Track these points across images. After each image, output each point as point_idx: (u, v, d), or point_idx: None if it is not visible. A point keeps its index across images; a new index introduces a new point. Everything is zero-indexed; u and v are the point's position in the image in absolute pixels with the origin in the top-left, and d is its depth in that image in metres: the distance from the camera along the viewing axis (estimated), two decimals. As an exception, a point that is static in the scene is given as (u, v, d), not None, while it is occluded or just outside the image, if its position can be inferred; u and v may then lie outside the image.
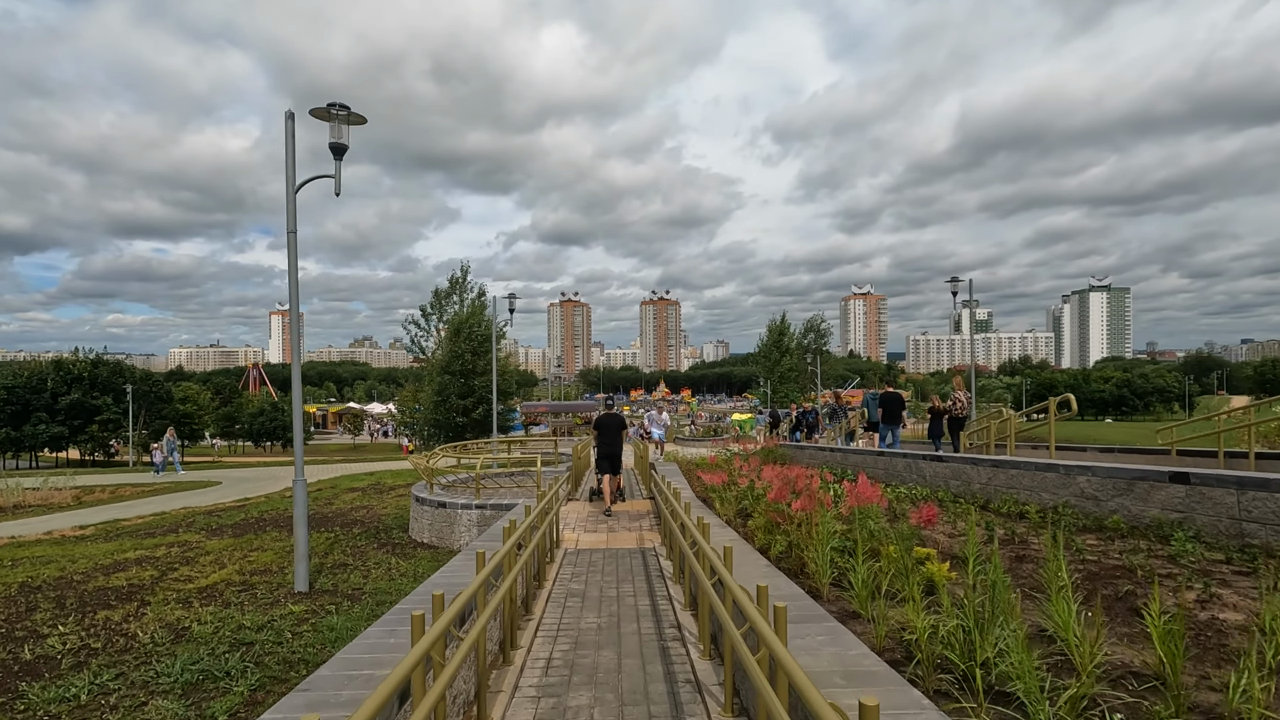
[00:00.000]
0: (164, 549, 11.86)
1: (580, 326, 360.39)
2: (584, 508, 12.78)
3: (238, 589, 9.08)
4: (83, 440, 50.81)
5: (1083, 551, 6.02)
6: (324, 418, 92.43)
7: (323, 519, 14.72)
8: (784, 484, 8.41)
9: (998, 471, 9.36)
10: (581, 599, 7.13)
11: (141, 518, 16.37)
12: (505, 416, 43.36)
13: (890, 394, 17.70)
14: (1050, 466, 8.21)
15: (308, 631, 7.18)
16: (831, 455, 16.33)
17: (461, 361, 37.67)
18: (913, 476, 11.78)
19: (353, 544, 12.01)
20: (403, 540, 12.17)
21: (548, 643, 5.68)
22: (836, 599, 5.24)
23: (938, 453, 12.89)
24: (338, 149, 8.74)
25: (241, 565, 10.47)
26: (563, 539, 10.28)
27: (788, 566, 5.99)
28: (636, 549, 9.64)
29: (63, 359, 54.34)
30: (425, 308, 44.77)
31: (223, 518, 15.47)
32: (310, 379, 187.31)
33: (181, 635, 7.16)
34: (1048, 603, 3.97)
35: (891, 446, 17.45)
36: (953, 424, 15.67)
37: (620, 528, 11.27)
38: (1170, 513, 6.45)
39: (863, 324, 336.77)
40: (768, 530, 6.82)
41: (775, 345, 57.85)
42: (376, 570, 10.06)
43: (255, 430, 63.58)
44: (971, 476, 10.00)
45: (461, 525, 11.27)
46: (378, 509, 15.87)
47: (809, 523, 6.05)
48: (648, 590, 7.38)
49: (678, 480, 12.73)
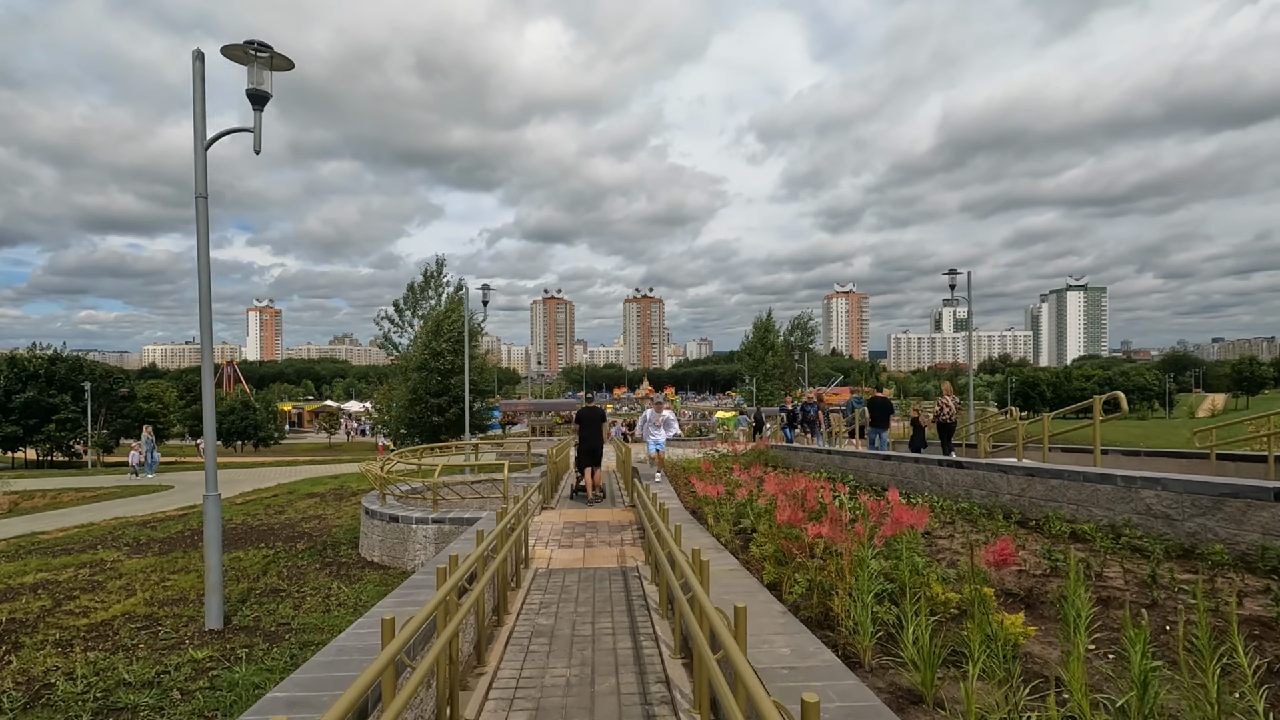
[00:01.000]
0: (71, 571, 10.28)
1: (563, 324, 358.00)
2: (559, 518, 11.41)
3: (138, 625, 7.57)
4: (39, 440, 48.36)
5: (1177, 589, 4.75)
6: (299, 416, 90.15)
7: (266, 531, 13.16)
8: (792, 499, 7.07)
9: (1033, 481, 8.10)
10: (549, 640, 5.78)
11: (64, 530, 14.68)
12: (483, 415, 41.78)
13: (879, 399, 17.27)
14: (1105, 477, 6.94)
15: (203, 690, 5.71)
16: (829, 458, 15.05)
17: (441, 359, 36.13)
18: (926, 484, 10.52)
19: (293, 563, 10.51)
20: (351, 559, 10.68)
21: (501, 710, 4.32)
22: (881, 667, 3.91)
23: (953, 456, 11.64)
24: (257, 97, 7.25)
25: (154, 592, 8.95)
26: (533, 556, 8.94)
27: (809, 615, 4.64)
28: (617, 568, 8.35)
29: (16, 355, 51.65)
30: (399, 302, 43.05)
31: (156, 530, 13.85)
32: (288, 377, 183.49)
33: (40, 697, 5.67)
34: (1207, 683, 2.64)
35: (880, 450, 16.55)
36: (942, 430, 14.99)
37: (599, 541, 9.94)
38: (1276, 538, 5.22)
39: (845, 322, 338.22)
40: (778, 561, 5.48)
41: (760, 343, 56.77)
42: (313, 598, 8.59)
43: (225, 430, 61.26)
44: (1000, 486, 8.74)
45: (416, 542, 9.82)
46: (331, 519, 14.33)
47: (834, 557, 4.72)
48: (629, 626, 6.04)
49: (664, 489, 11.37)
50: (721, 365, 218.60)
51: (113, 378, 52.57)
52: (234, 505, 17.63)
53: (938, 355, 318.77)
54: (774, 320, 58.71)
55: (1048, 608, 4.68)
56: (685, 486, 12.41)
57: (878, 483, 12.30)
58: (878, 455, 12.72)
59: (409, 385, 37.31)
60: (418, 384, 36.41)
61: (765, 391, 56.30)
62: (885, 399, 17.58)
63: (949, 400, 15.25)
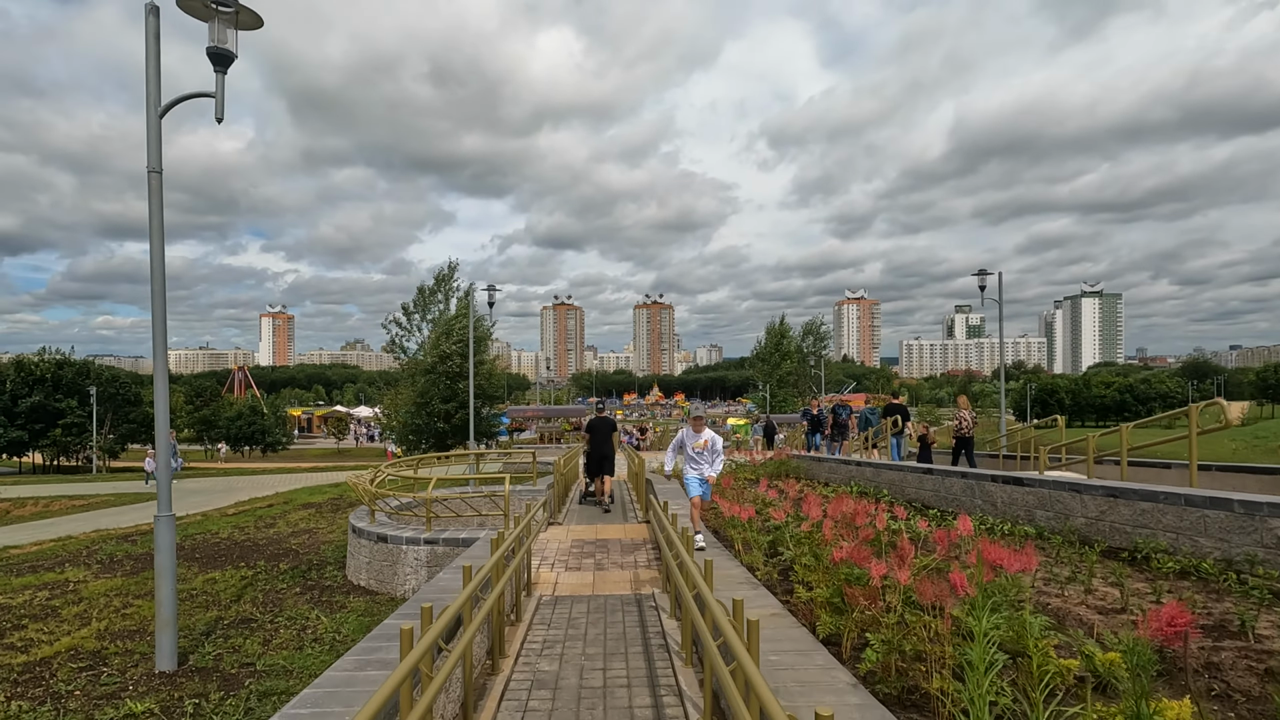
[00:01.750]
0: (29, 594, 9.32)
1: (573, 330, 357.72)
2: (567, 535, 10.36)
3: (81, 665, 6.57)
4: (45, 445, 47.88)
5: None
6: (309, 421, 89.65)
7: (250, 548, 12.17)
8: (841, 523, 5.98)
9: (1117, 503, 6.95)
10: (553, 694, 4.79)
11: (39, 544, 13.76)
12: (491, 421, 40.80)
13: (895, 405, 17.10)
14: (1217, 501, 5.79)
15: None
16: (858, 470, 13.90)
17: (449, 362, 35.24)
18: (978, 503, 9.37)
19: (273, 586, 9.50)
20: (336, 582, 9.65)
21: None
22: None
23: (1012, 473, 10.47)
24: (219, 57, 6.29)
25: (111, 621, 7.96)
26: (537, 581, 7.92)
27: (888, 690, 3.55)
28: (630, 595, 7.34)
29: (24, 359, 51.22)
30: (408, 305, 42.17)
31: (136, 544, 12.89)
32: (300, 382, 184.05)
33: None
34: None
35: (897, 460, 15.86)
36: (961, 445, 14.51)
37: (610, 563, 8.90)
38: None
39: (856, 329, 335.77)
40: (835, 609, 4.39)
41: (775, 348, 55.51)
42: (286, 630, 7.56)
43: (233, 435, 60.68)
44: (1071, 507, 7.59)
45: (407, 565, 8.78)
46: (322, 535, 13.33)
47: (914, 610, 3.63)
48: (647, 674, 5.02)
49: (682, 506, 10.29)
50: (732, 371, 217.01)
51: (119, 382, 52.00)
52: (225, 517, 16.69)
53: (950, 362, 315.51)
54: (788, 326, 57.53)
55: (1213, 676, 3.57)
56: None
57: (917, 499, 11.16)
58: (917, 468, 11.57)
59: (416, 390, 36.46)
60: (425, 388, 35.54)
61: (778, 398, 55.02)
62: (901, 404, 17.46)
63: (966, 414, 14.84)
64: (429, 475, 10.96)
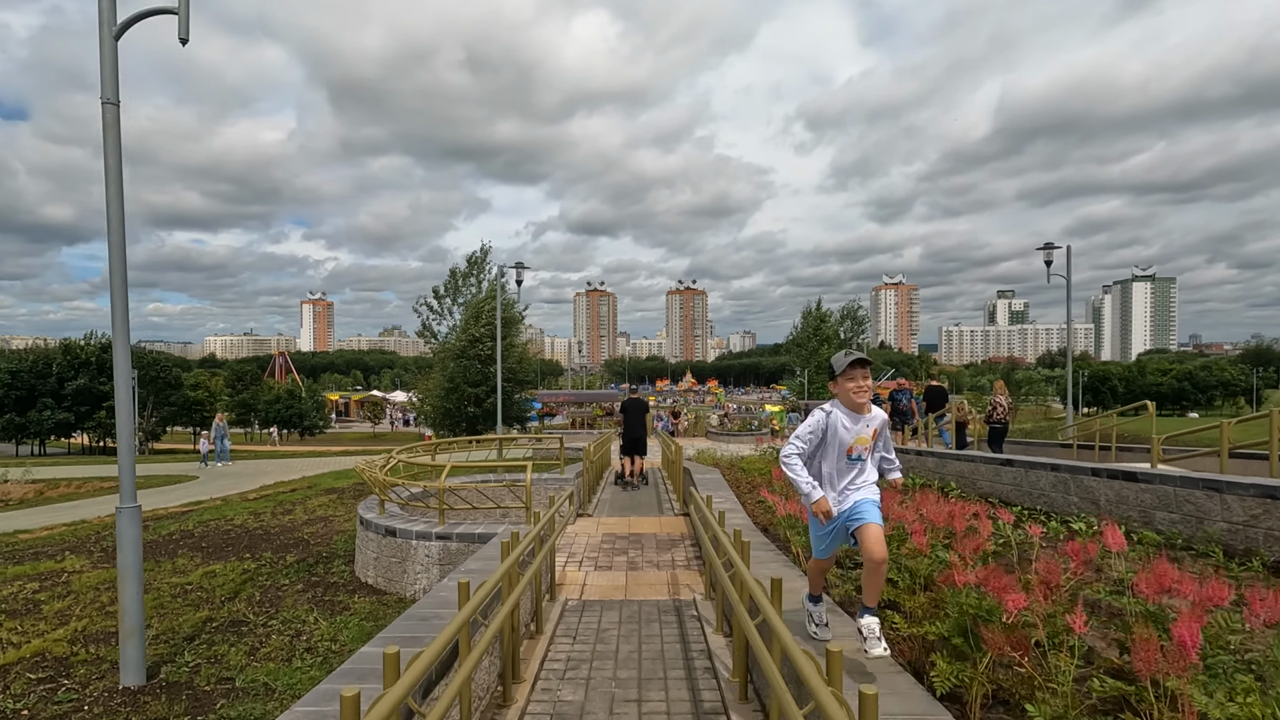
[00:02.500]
0: (18, 585, 8.65)
1: (606, 316, 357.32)
2: (597, 528, 9.33)
3: (42, 675, 5.75)
4: (90, 427, 48.93)
5: None
6: (346, 405, 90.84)
7: (260, 536, 11.41)
8: (934, 529, 4.76)
9: (1276, 505, 5.60)
10: (576, 733, 3.75)
11: (51, 528, 13.26)
12: (522, 406, 40.08)
13: (934, 388, 16.71)
14: None
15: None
16: (919, 461, 12.56)
17: (480, 345, 34.56)
18: (1073, 501, 8.02)
19: (274, 582, 8.65)
20: (343, 578, 8.77)
21: None
22: None
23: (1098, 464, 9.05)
24: (181, -37, 5.26)
25: (91, 620, 7.18)
26: (562, 582, 6.92)
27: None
28: (669, 600, 6.29)
29: (71, 343, 52.36)
30: (439, 289, 41.56)
31: (148, 530, 12.26)
32: (339, 367, 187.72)
33: None
34: None
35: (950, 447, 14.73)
36: (994, 434, 13.49)
37: (645, 562, 7.85)
38: None
39: (894, 314, 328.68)
40: (957, 653, 3.20)
41: (814, 333, 53.63)
42: (278, 638, 6.65)
43: (270, 418, 61.49)
44: (1207, 509, 6.24)
45: (417, 563, 7.82)
46: (339, 524, 12.54)
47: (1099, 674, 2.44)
48: (692, 711, 3.97)
49: (726, 499, 9.14)
50: (766, 358, 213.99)
51: (159, 365, 52.78)
52: (245, 502, 16.10)
53: (991, 349, 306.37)
54: (827, 310, 55.58)
55: None
56: (750, 494, 10.16)
57: (992, 494, 9.81)
58: (992, 459, 10.21)
59: (446, 374, 35.93)
60: (455, 373, 34.96)
61: (816, 385, 53.25)
62: (942, 388, 16.84)
63: (1002, 400, 13.62)
64: (446, 462, 9.99)
